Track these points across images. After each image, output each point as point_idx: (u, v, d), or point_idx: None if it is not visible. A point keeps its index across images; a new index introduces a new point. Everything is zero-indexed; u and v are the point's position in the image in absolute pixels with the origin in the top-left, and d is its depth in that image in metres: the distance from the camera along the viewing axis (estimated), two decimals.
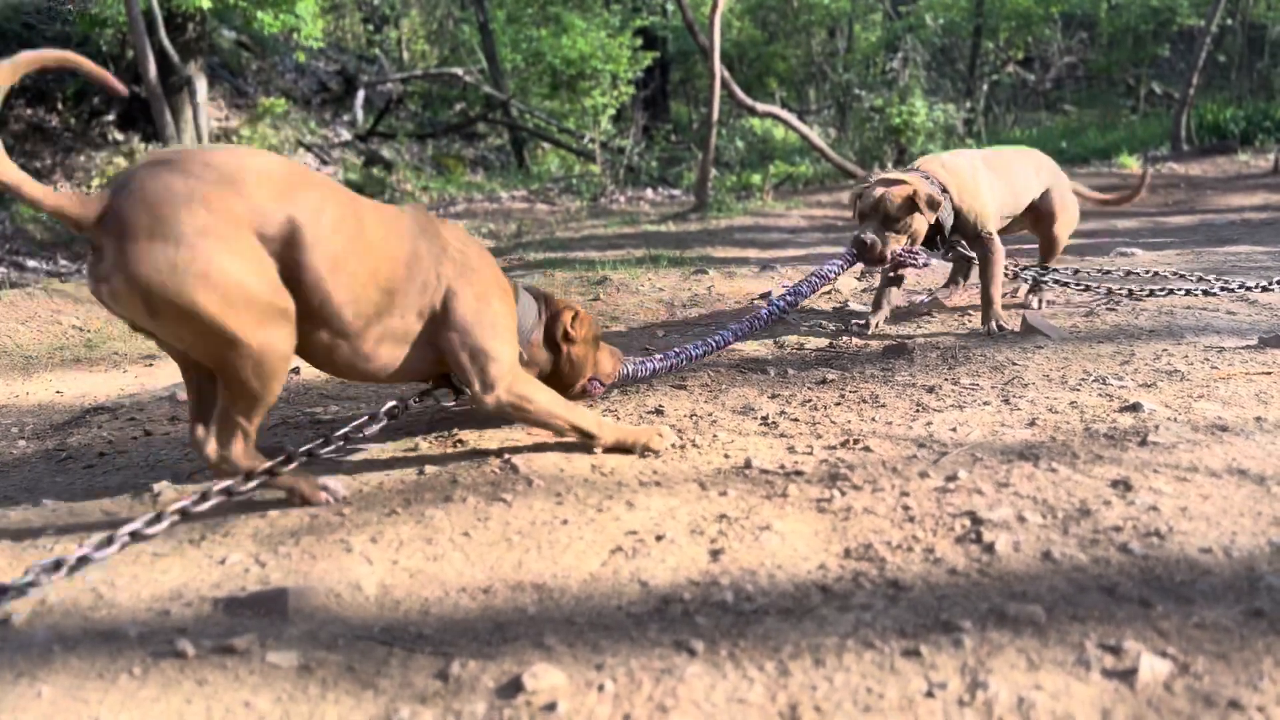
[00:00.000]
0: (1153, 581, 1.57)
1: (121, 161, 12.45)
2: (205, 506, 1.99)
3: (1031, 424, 2.38)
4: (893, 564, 1.70)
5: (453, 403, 2.63)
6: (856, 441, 2.34)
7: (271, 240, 1.89)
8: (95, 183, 11.95)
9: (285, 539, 1.91)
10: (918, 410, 2.57)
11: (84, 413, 3.07)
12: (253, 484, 2.04)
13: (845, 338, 3.50)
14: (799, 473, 2.16)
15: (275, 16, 10.85)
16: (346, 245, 1.99)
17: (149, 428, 2.84)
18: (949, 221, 3.48)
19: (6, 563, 1.88)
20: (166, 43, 10.05)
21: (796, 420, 2.56)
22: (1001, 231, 3.69)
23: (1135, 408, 2.42)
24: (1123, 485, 1.95)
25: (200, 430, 2.04)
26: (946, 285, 4.17)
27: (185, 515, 1.97)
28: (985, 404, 2.58)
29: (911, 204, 3.34)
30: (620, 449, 2.33)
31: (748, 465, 2.22)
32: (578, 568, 1.75)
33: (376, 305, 2.07)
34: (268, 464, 2.06)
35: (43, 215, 10.49)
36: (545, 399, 2.25)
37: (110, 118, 12.85)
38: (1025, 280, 3.93)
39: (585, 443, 2.32)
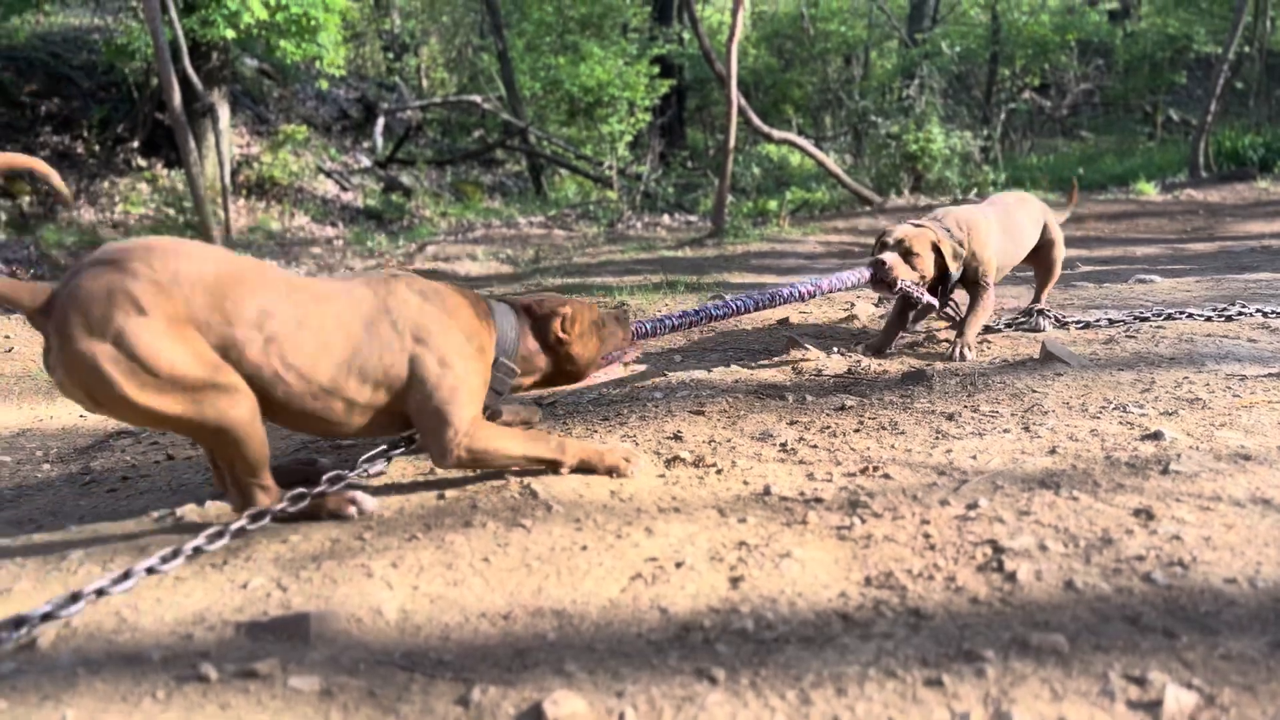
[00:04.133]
0: (1177, 612, 1.56)
1: (144, 188, 12.61)
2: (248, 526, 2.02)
3: (1052, 452, 2.37)
4: (914, 592, 1.69)
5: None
6: (876, 469, 2.34)
7: (211, 342, 1.95)
8: (120, 208, 12.11)
9: (307, 563, 1.92)
10: (937, 437, 2.57)
11: (107, 437, 3.10)
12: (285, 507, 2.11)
13: (863, 361, 3.50)
14: (818, 500, 2.15)
15: (297, 45, 11.00)
16: (291, 341, 2.03)
17: (171, 452, 2.86)
18: (957, 274, 3.61)
19: (31, 586, 1.90)
20: (191, 71, 10.20)
21: (815, 447, 2.56)
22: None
23: (1156, 436, 2.41)
24: (1145, 514, 1.94)
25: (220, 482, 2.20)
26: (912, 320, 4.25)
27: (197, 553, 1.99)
28: (1005, 431, 2.57)
29: (932, 246, 3.47)
30: (586, 469, 2.35)
31: (767, 492, 2.22)
32: (597, 594, 1.76)
33: (331, 385, 2.09)
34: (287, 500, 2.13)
35: (67, 240, 10.63)
36: (500, 445, 2.25)
37: (134, 145, 13.03)
38: (1039, 321, 4.00)
39: (552, 469, 2.34)
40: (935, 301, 3.61)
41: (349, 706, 1.43)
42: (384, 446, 2.40)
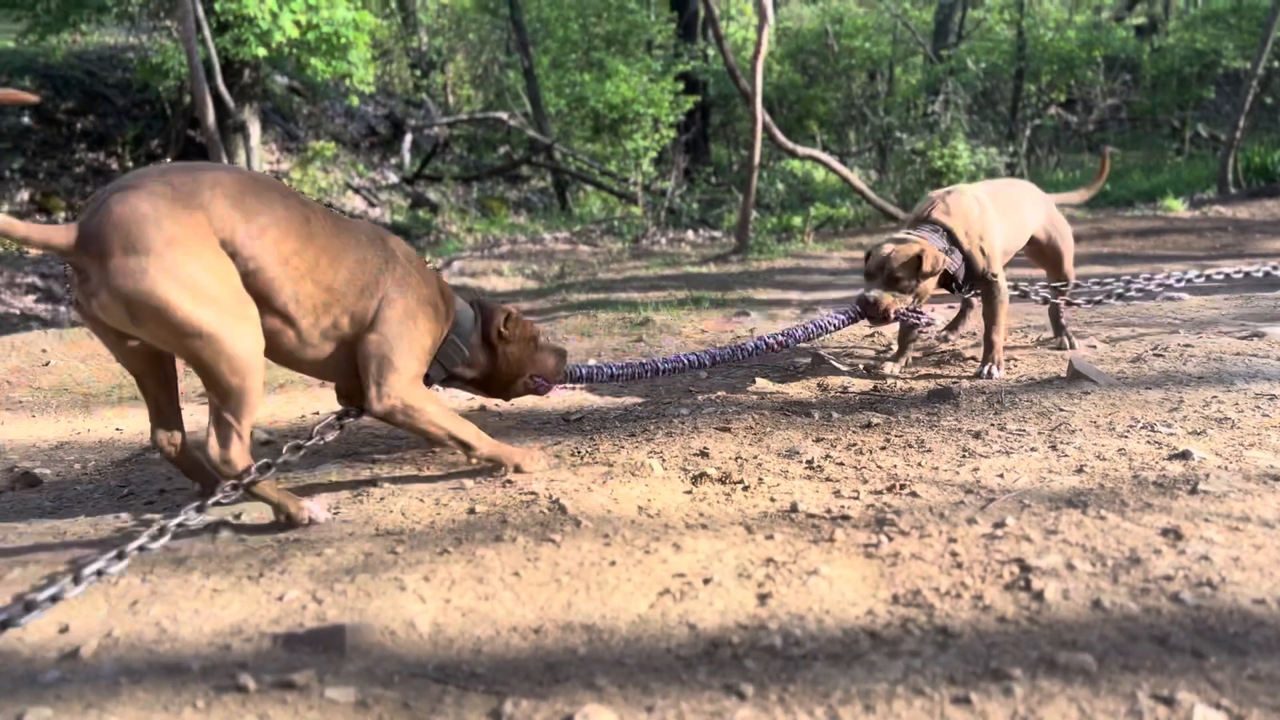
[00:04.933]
0: (1205, 632, 1.57)
1: None
2: (198, 521, 2.17)
3: (1079, 471, 2.37)
4: (941, 610, 1.70)
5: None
6: (903, 486, 2.35)
7: (229, 244, 2.12)
8: None
9: (341, 576, 1.96)
10: (964, 455, 2.57)
11: (143, 450, 3.15)
12: (234, 493, 2.22)
13: (889, 378, 3.51)
14: (845, 517, 2.17)
15: (328, 63, 11.17)
16: (293, 244, 2.21)
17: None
18: (961, 270, 3.53)
19: (74, 597, 1.94)
20: (223, 89, 10.37)
21: (842, 464, 2.57)
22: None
23: (1185, 455, 2.41)
24: (1173, 534, 1.94)
25: (161, 435, 2.38)
26: (949, 327, 4.22)
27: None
28: (1032, 450, 2.57)
29: (917, 264, 3.36)
30: (495, 462, 2.57)
31: (794, 509, 2.23)
32: (626, 609, 1.78)
33: (314, 300, 2.27)
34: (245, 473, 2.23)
35: None
36: (432, 411, 2.44)
37: (167, 161, 13.22)
38: (1049, 300, 3.93)
39: (464, 453, 2.54)
40: (935, 319, 3.54)
41: (384, 718, 1.46)
42: (333, 417, 2.57)
